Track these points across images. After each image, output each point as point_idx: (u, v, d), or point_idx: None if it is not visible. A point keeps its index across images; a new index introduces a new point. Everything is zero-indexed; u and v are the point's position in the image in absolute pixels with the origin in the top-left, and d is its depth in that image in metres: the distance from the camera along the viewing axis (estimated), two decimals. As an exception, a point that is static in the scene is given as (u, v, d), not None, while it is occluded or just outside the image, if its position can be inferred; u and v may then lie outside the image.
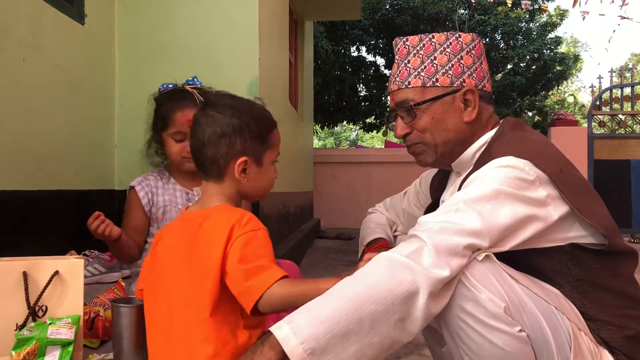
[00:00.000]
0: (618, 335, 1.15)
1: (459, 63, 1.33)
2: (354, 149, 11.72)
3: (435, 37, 1.35)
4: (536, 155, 1.18)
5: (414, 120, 1.35)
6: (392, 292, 1.00)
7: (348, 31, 12.58)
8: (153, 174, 1.94)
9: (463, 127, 1.34)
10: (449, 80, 1.32)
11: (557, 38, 13.49)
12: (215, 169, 1.18)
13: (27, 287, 1.49)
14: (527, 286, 1.11)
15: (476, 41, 1.36)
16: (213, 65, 3.24)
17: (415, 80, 1.34)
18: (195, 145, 1.19)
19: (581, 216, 1.15)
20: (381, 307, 0.99)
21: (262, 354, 0.94)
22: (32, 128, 2.34)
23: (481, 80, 1.35)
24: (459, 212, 1.11)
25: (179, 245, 1.15)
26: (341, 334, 0.95)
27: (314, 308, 0.99)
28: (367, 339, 0.98)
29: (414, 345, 2.40)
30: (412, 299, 1.00)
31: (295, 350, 0.93)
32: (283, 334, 0.94)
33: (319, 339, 0.94)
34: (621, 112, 7.87)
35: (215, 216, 1.14)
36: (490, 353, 1.06)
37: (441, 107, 1.33)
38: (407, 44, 1.38)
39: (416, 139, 1.38)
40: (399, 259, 1.04)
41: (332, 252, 5.67)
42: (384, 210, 1.75)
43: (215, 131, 1.16)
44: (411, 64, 1.35)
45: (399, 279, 1.01)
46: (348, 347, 0.96)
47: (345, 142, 31.51)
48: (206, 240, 1.10)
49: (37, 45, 2.38)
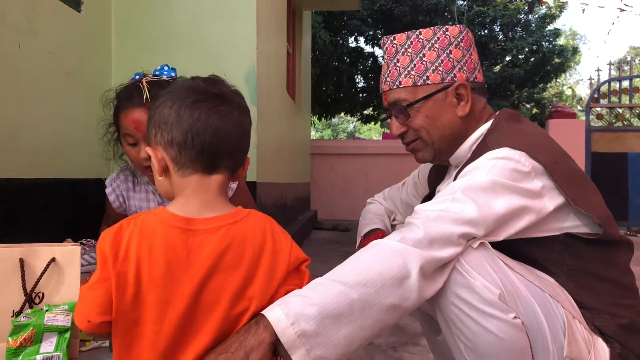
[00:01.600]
0: (612, 323, 1.16)
1: (448, 58, 1.32)
2: (351, 141, 11.70)
3: (422, 33, 1.35)
4: (531, 147, 1.18)
5: (408, 119, 1.36)
6: (383, 275, 1.00)
7: (346, 21, 12.53)
8: (125, 172, 1.87)
9: (458, 121, 1.34)
10: (439, 77, 1.32)
11: (556, 30, 13.46)
12: (239, 162, 1.04)
13: (24, 274, 1.49)
14: (522, 274, 1.12)
15: (464, 33, 1.35)
16: (210, 54, 3.22)
17: (405, 80, 1.34)
18: (230, 130, 0.99)
19: (576, 207, 1.15)
20: (372, 289, 0.99)
21: (255, 335, 0.94)
22: (28, 116, 2.33)
23: (472, 72, 1.35)
24: (455, 201, 1.11)
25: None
26: (332, 317, 0.96)
27: (306, 291, 1.00)
28: (358, 322, 0.98)
29: (410, 335, 2.41)
30: (403, 281, 1.01)
31: (287, 332, 0.94)
32: (275, 316, 0.94)
33: (310, 320, 0.95)
34: (619, 105, 7.87)
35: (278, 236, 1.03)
36: (484, 340, 1.06)
37: (434, 105, 1.33)
38: (395, 43, 1.37)
39: (413, 137, 1.39)
40: (392, 244, 1.06)
41: (329, 243, 5.69)
42: (382, 201, 1.76)
43: (249, 122, 1.05)
44: (400, 63, 1.35)
45: (390, 262, 1.02)
46: (339, 330, 0.97)
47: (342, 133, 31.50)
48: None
49: (32, 31, 2.37)
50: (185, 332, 0.94)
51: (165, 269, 0.93)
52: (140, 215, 0.98)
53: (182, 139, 0.96)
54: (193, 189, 0.99)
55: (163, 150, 0.98)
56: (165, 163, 0.99)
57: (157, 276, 0.93)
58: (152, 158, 1.00)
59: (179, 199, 1.00)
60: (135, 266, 0.92)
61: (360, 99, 13.46)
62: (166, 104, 0.99)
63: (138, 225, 0.95)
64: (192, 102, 0.97)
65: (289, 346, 0.94)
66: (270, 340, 0.94)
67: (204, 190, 0.99)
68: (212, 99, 0.99)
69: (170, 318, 0.93)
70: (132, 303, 0.92)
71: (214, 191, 1.00)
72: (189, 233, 0.95)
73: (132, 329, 0.93)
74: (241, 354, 0.92)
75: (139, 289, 0.92)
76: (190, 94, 0.99)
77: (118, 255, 0.92)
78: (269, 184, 4.05)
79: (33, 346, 1.52)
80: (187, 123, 0.96)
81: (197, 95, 0.98)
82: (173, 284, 0.93)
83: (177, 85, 1.04)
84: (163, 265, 0.93)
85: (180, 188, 1.00)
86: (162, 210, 0.98)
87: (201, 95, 0.98)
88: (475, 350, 1.09)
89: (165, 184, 1.02)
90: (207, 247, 0.95)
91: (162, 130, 0.98)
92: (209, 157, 0.98)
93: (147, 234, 0.94)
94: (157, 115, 0.99)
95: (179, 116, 0.97)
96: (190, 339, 0.94)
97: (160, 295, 0.93)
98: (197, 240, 0.95)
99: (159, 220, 0.96)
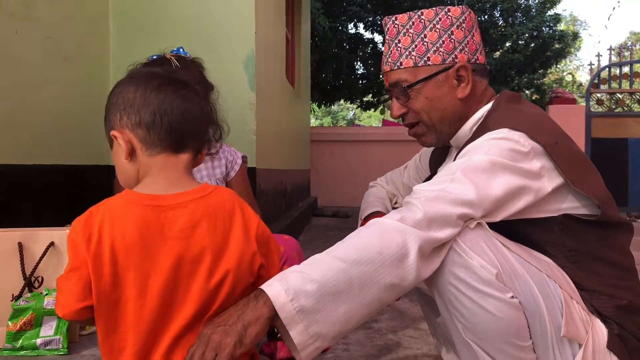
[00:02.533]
0: (610, 304, 1.16)
1: (449, 39, 1.31)
2: (351, 128, 11.67)
3: (424, 13, 1.34)
4: (531, 127, 1.18)
5: (408, 100, 1.35)
6: (382, 253, 1.01)
7: (346, 8, 12.43)
8: None
9: (458, 103, 1.34)
10: (440, 58, 1.31)
11: (556, 16, 13.37)
12: (204, 141, 1.07)
13: (23, 258, 1.49)
14: (519, 254, 1.12)
15: (466, 13, 1.34)
16: (208, 40, 3.20)
17: (406, 61, 1.33)
18: (195, 113, 1.03)
19: (575, 188, 1.15)
20: (371, 268, 1.00)
21: (254, 309, 0.95)
22: (26, 101, 2.32)
23: (474, 54, 1.34)
24: (454, 182, 1.11)
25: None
26: (331, 293, 0.97)
27: (305, 267, 1.00)
28: (357, 299, 0.99)
29: (410, 319, 2.42)
30: (402, 260, 1.02)
31: (286, 307, 0.95)
32: (274, 291, 0.95)
33: (309, 297, 0.96)
34: (619, 90, 7.85)
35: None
36: (482, 319, 1.07)
37: (435, 86, 1.33)
38: (397, 23, 1.36)
39: (413, 119, 1.38)
40: (391, 223, 1.06)
41: (329, 230, 5.70)
42: (384, 184, 1.76)
43: (209, 108, 1.09)
44: (402, 44, 1.34)
45: (389, 241, 1.03)
46: (338, 307, 0.98)
47: (342, 120, 31.42)
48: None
49: (29, 17, 2.35)
50: (167, 305, 0.95)
51: (140, 246, 0.94)
52: (107, 200, 0.99)
53: (151, 119, 0.99)
54: (160, 167, 1.01)
55: (130, 132, 1.01)
56: (132, 145, 1.01)
57: (133, 254, 0.94)
58: (119, 141, 1.01)
59: (145, 179, 1.02)
60: (109, 247, 0.93)
61: (360, 86, 13.40)
62: (129, 89, 1.02)
63: (108, 209, 0.96)
64: (157, 85, 1.01)
65: (287, 322, 0.95)
66: (269, 315, 0.95)
67: (170, 169, 1.01)
68: (174, 84, 1.03)
69: (151, 293, 0.94)
70: (111, 284, 0.93)
71: (180, 169, 1.02)
72: (160, 209, 0.97)
73: (115, 309, 0.94)
74: (239, 327, 0.93)
75: (116, 268, 0.93)
76: (153, 78, 1.03)
77: (91, 239, 0.93)
78: (269, 170, 4.04)
79: (33, 330, 1.52)
80: (154, 104, 0.99)
81: (160, 79, 1.02)
82: (150, 260, 0.95)
83: (135, 72, 1.08)
84: (138, 243, 0.94)
85: (146, 168, 1.02)
86: (128, 192, 1.00)
87: (164, 79, 1.03)
88: (473, 330, 1.09)
89: (129, 168, 1.03)
90: (180, 221, 0.97)
91: (129, 113, 1.00)
92: (177, 136, 1.01)
93: (118, 215, 0.95)
94: (119, 100, 1.02)
95: (145, 99, 1.00)
96: (173, 312, 0.96)
97: (139, 273, 0.94)
98: (168, 216, 0.97)
99: (128, 201, 0.97)
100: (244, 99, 3.23)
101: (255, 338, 0.94)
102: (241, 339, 0.92)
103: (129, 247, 0.94)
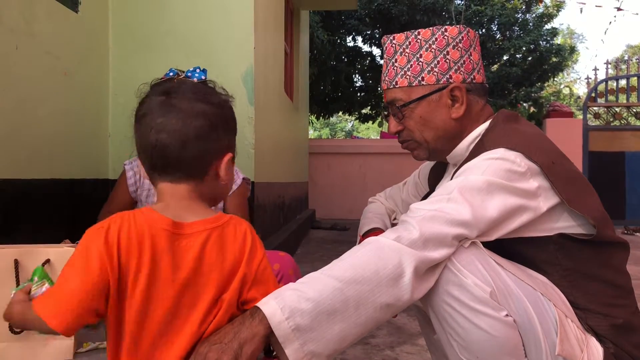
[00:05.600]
0: (605, 323, 1.17)
1: (445, 59, 1.32)
2: (349, 140, 11.69)
3: (421, 33, 1.35)
4: (528, 148, 1.19)
5: (403, 119, 1.37)
6: (378, 273, 1.02)
7: (344, 21, 12.52)
8: None
9: (451, 123, 1.34)
10: (435, 78, 1.32)
11: (553, 29, 13.47)
12: (198, 168, 1.00)
13: (18, 275, 1.50)
14: (513, 272, 1.13)
15: (463, 33, 1.35)
16: (208, 54, 3.22)
17: (401, 80, 1.35)
18: (168, 143, 0.97)
19: (570, 207, 1.16)
20: (367, 287, 1.01)
21: (250, 327, 0.95)
22: (25, 116, 2.33)
23: (470, 73, 1.34)
24: (450, 202, 1.12)
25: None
26: (326, 312, 0.97)
27: (301, 286, 1.00)
28: (352, 319, 1.00)
29: (407, 334, 2.42)
30: (398, 280, 1.02)
31: (281, 325, 0.95)
32: (270, 309, 0.95)
33: (304, 315, 0.96)
34: (616, 104, 7.89)
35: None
36: (476, 337, 1.07)
37: (428, 106, 1.34)
38: (394, 43, 1.38)
39: (407, 137, 1.40)
40: (387, 242, 1.06)
41: (327, 243, 5.69)
42: (383, 200, 1.77)
43: (204, 124, 0.99)
44: (398, 63, 1.36)
45: (385, 261, 1.03)
46: (333, 326, 0.98)
47: (340, 132, 31.50)
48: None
49: (29, 32, 2.36)
50: (162, 335, 0.94)
51: (150, 270, 0.93)
52: (127, 213, 0.98)
53: (141, 151, 1.02)
54: (168, 194, 1.01)
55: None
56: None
57: (142, 276, 0.93)
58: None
59: (160, 203, 1.01)
60: (123, 265, 0.92)
61: (358, 98, 13.46)
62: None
63: (126, 224, 0.95)
64: (141, 116, 1.00)
65: (282, 340, 0.95)
66: (265, 334, 0.95)
67: (176, 197, 1.00)
68: (154, 111, 0.99)
69: (150, 320, 0.94)
70: (116, 300, 0.93)
71: (186, 198, 1.01)
72: (176, 236, 0.96)
73: (119, 327, 0.94)
74: (235, 345, 0.93)
75: (125, 287, 0.93)
76: (139, 106, 1.02)
77: (109, 252, 0.92)
78: (267, 183, 4.05)
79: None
80: (137, 137, 1.01)
81: (141, 109, 1.01)
82: (157, 284, 0.94)
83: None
84: (149, 266, 0.93)
85: (159, 194, 1.03)
86: (150, 210, 0.99)
87: (145, 108, 1.01)
88: (468, 348, 1.09)
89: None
90: (192, 251, 0.96)
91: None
92: (155, 171, 1.01)
93: (137, 233, 0.94)
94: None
95: (135, 130, 1.02)
96: (168, 341, 0.95)
97: (144, 297, 0.93)
98: (182, 244, 0.96)
99: (147, 220, 0.96)
100: (242, 113, 3.24)
101: (251, 356, 0.94)
102: (237, 357, 0.92)
103: (139, 270, 0.93)
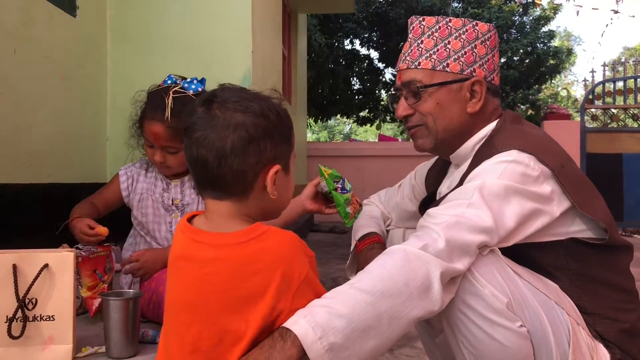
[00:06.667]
0: (613, 328, 1.16)
1: (472, 51, 1.31)
2: (347, 143, 11.70)
3: (452, 21, 1.34)
4: (539, 150, 1.17)
5: (418, 102, 1.33)
6: (408, 285, 0.98)
7: (342, 24, 12.53)
8: (141, 161, 1.96)
9: (466, 117, 1.33)
10: (459, 67, 1.31)
11: (550, 32, 13.50)
12: (240, 185, 0.94)
13: (17, 280, 1.49)
14: (530, 281, 1.11)
15: (492, 32, 1.35)
16: (206, 58, 3.22)
17: (425, 62, 1.32)
18: (206, 158, 0.92)
19: (582, 211, 1.15)
20: (399, 300, 0.96)
21: (282, 351, 0.89)
22: (23, 120, 2.32)
23: (491, 73, 1.34)
24: (471, 207, 1.09)
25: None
26: (360, 329, 0.93)
27: (330, 302, 0.94)
28: (385, 334, 0.95)
29: (406, 338, 2.41)
30: (427, 292, 0.99)
31: (314, 346, 0.89)
32: (301, 329, 0.90)
33: (337, 334, 0.91)
34: (613, 105, 7.90)
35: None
36: (489, 347, 1.06)
37: (447, 94, 1.31)
38: (423, 24, 1.36)
39: (418, 121, 1.36)
40: (414, 252, 1.02)
41: (326, 246, 5.68)
42: (378, 203, 1.74)
43: (240, 136, 0.91)
44: (424, 45, 1.33)
45: (415, 272, 0.99)
46: (367, 343, 0.93)
47: (338, 135, 31.50)
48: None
49: (28, 36, 2.36)
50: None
51: (172, 272, 1.00)
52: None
53: (188, 165, 1.01)
54: (211, 212, 1.00)
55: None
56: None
57: (171, 274, 1.01)
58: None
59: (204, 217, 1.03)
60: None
61: (356, 101, 13.46)
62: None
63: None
64: (187, 128, 0.97)
65: None
66: (299, 356, 0.89)
67: (217, 214, 0.98)
68: (196, 123, 0.94)
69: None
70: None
71: (225, 216, 0.97)
72: (195, 244, 0.97)
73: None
74: None
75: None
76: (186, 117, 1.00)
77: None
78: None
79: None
80: (184, 150, 1.00)
81: (187, 120, 0.97)
82: (172, 291, 0.99)
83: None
84: (173, 267, 1.00)
85: (205, 209, 1.02)
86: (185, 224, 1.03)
87: (190, 119, 0.96)
88: (479, 356, 1.08)
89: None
90: (201, 261, 0.96)
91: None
92: (199, 187, 0.99)
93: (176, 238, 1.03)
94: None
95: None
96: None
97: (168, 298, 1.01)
98: (199, 253, 0.96)
99: (180, 228, 1.02)
100: (241, 117, 3.24)
101: None
102: None
103: (171, 269, 1.01)
